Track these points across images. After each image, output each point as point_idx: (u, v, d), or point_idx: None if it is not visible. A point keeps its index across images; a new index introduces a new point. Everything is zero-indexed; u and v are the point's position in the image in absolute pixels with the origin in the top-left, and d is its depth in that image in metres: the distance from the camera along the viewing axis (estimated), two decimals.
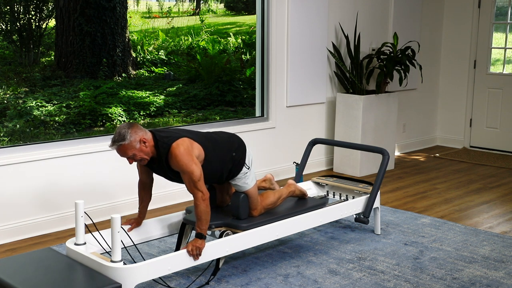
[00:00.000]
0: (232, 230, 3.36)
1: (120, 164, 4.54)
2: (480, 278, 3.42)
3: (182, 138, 3.09)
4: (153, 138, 3.09)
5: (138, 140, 3.02)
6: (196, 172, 3.03)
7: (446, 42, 7.34)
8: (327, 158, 6.22)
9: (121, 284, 2.71)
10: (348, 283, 3.34)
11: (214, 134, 3.40)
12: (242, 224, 3.36)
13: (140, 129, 3.05)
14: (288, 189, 3.78)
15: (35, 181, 4.14)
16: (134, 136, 3.00)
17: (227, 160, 3.30)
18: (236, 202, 3.41)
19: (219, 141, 3.33)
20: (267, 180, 3.91)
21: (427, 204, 4.93)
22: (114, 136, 3.02)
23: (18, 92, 4.25)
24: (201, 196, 3.05)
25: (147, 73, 5.07)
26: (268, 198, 3.58)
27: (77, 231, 3.04)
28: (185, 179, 3.06)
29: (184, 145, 3.05)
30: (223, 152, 3.29)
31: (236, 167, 3.35)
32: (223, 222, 3.38)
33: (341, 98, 5.93)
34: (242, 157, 3.37)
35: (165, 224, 3.53)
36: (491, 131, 7.11)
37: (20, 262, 2.92)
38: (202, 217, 3.07)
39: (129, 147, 3.00)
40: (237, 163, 3.35)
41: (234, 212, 3.44)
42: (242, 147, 3.41)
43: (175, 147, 3.04)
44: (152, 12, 5.18)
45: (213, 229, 3.35)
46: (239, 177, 3.38)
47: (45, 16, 4.46)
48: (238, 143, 3.41)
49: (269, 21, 5.39)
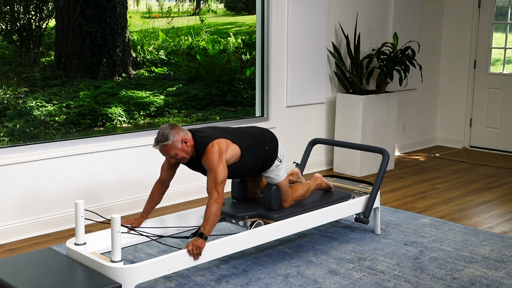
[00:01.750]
0: (264, 220, 3.51)
1: (120, 164, 4.54)
2: (480, 278, 3.42)
3: (219, 139, 3.25)
4: (192, 138, 3.24)
5: (180, 140, 3.17)
6: (221, 174, 3.17)
7: (446, 42, 7.34)
8: (327, 158, 6.22)
9: (121, 284, 2.71)
10: (348, 283, 3.34)
11: (247, 129, 3.57)
12: (274, 215, 3.51)
13: (182, 130, 3.20)
14: (315, 182, 3.95)
15: (35, 181, 4.14)
16: (177, 137, 3.16)
17: (261, 154, 3.46)
18: (268, 194, 3.57)
19: (253, 136, 3.48)
20: (294, 174, 4.05)
21: (427, 204, 4.93)
22: (157, 137, 3.17)
23: (18, 92, 4.25)
24: (217, 198, 3.13)
25: (147, 73, 5.07)
26: (297, 191, 3.75)
27: (77, 231, 3.04)
28: (209, 177, 3.18)
29: (219, 145, 3.22)
30: (257, 146, 3.45)
31: (269, 160, 3.51)
32: (256, 213, 3.54)
33: (341, 98, 5.93)
34: (274, 150, 3.54)
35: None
36: (491, 131, 7.11)
37: (20, 262, 2.92)
38: (210, 218, 3.10)
39: (172, 147, 3.16)
40: (270, 156, 3.51)
41: (266, 203, 3.60)
42: (274, 140, 3.58)
43: (210, 146, 3.21)
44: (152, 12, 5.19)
45: (246, 220, 3.51)
46: (272, 170, 3.55)
47: (45, 16, 4.46)
48: (271, 137, 3.58)
49: (269, 21, 5.39)
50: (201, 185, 4.78)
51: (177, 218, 3.61)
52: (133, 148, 4.60)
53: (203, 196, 4.94)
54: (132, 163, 4.62)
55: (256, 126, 3.67)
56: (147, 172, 4.62)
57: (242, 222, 3.54)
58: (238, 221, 3.58)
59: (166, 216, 3.59)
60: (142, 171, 4.66)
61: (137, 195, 4.63)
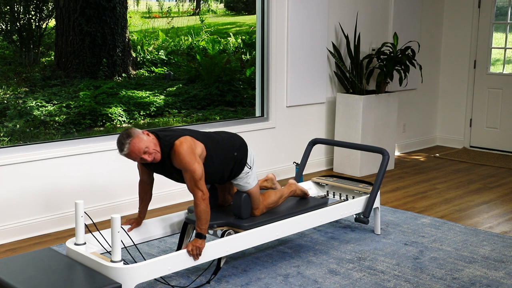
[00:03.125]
0: (234, 229, 3.37)
1: (120, 164, 4.54)
2: (480, 278, 3.42)
3: (184, 136, 3.09)
4: (156, 137, 3.10)
5: (145, 134, 3.03)
6: (198, 171, 3.04)
7: (446, 42, 7.34)
8: (327, 158, 6.22)
9: (121, 284, 2.71)
10: (348, 283, 3.34)
11: (216, 134, 3.41)
12: (244, 224, 3.37)
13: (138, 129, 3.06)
14: (289, 189, 3.79)
15: (35, 181, 4.14)
16: (137, 131, 3.01)
17: (229, 160, 3.31)
18: (238, 202, 3.41)
19: (221, 141, 3.33)
20: (269, 179, 3.92)
21: (427, 204, 4.93)
22: (119, 144, 2.99)
23: (18, 92, 4.25)
24: (201, 195, 3.05)
25: (147, 73, 5.07)
26: (269, 198, 3.59)
27: (77, 231, 3.04)
28: (187, 177, 3.06)
29: (187, 143, 3.05)
30: (224, 151, 3.29)
31: (238, 167, 3.36)
32: (225, 221, 3.38)
33: (341, 98, 5.93)
34: (243, 156, 3.38)
35: (166, 224, 3.54)
36: (491, 131, 7.11)
37: (20, 262, 2.92)
38: (202, 217, 3.07)
39: (140, 141, 2.98)
40: (239, 162, 3.35)
41: (236, 211, 3.44)
42: (243, 146, 3.42)
43: (178, 144, 3.04)
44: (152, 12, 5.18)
45: (215, 229, 3.36)
46: (241, 177, 3.39)
47: (45, 16, 4.46)
48: (240, 143, 3.42)
49: (269, 21, 5.39)
50: None
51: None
52: None
53: None
54: (132, 163, 4.61)
55: (226, 131, 3.52)
56: None
57: (212, 231, 3.39)
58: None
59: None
60: None
61: (137, 195, 4.62)
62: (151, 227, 3.46)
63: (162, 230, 3.51)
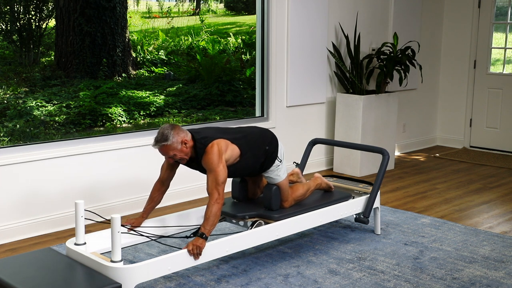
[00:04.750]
0: (265, 220, 3.51)
1: (120, 164, 4.54)
2: (480, 278, 3.42)
3: (218, 140, 3.25)
4: (192, 140, 3.24)
5: (180, 141, 3.17)
6: (221, 174, 3.17)
7: (446, 42, 7.34)
8: (327, 158, 6.22)
9: (121, 284, 2.71)
10: (348, 283, 3.34)
11: (247, 129, 3.57)
12: (274, 215, 3.51)
13: (182, 131, 3.20)
14: (315, 182, 3.95)
15: (35, 181, 4.14)
16: (176, 138, 3.15)
17: (261, 154, 3.46)
18: (269, 194, 3.57)
19: (253, 136, 3.48)
20: (295, 174, 4.05)
21: (427, 204, 4.93)
22: (156, 137, 3.17)
23: (18, 92, 4.25)
24: (217, 198, 3.13)
25: (147, 73, 5.07)
26: (298, 191, 3.76)
27: (77, 231, 3.04)
28: (210, 178, 3.18)
29: (218, 146, 3.22)
30: (257, 146, 3.45)
31: (269, 160, 3.51)
32: (256, 213, 3.54)
33: (341, 98, 5.93)
34: (274, 150, 3.54)
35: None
36: (491, 131, 7.11)
37: (20, 262, 2.92)
38: (210, 218, 3.11)
39: (171, 148, 3.16)
40: (270, 156, 3.50)
41: (266, 203, 3.60)
42: (274, 140, 3.57)
43: (210, 147, 3.20)
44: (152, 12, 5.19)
45: (246, 220, 3.51)
46: (272, 170, 3.55)
47: (45, 16, 4.46)
48: (271, 137, 3.57)
49: (269, 21, 5.39)
50: (201, 185, 4.78)
51: (178, 218, 3.61)
52: (133, 148, 4.61)
53: (203, 196, 4.94)
54: (132, 163, 4.62)
55: (257, 126, 3.67)
56: (147, 172, 4.62)
57: (243, 222, 3.54)
58: (238, 221, 3.58)
59: (166, 216, 3.59)
60: (142, 171, 4.66)
61: (137, 195, 4.63)
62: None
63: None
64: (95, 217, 3.97)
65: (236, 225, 3.66)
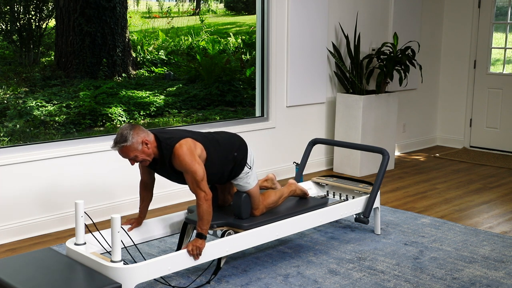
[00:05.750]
0: (234, 229, 3.37)
1: (120, 164, 4.54)
2: (480, 278, 3.42)
3: (185, 139, 3.10)
4: (156, 139, 3.10)
5: (140, 142, 3.03)
6: (199, 171, 3.04)
7: (446, 42, 7.34)
8: (327, 158, 6.22)
9: (121, 284, 2.71)
10: (348, 283, 3.34)
11: (215, 134, 3.41)
12: (244, 224, 3.37)
13: (142, 131, 3.06)
14: (289, 189, 3.79)
15: (35, 181, 4.14)
16: (136, 138, 3.01)
17: (229, 160, 3.31)
18: (238, 202, 3.41)
19: (220, 141, 3.33)
20: (269, 179, 3.93)
21: (427, 204, 4.93)
22: (116, 137, 3.03)
23: (18, 92, 4.25)
24: (204, 196, 3.06)
25: (147, 73, 5.07)
26: (269, 198, 3.59)
27: (77, 231, 3.04)
28: (188, 179, 3.07)
29: (187, 145, 3.06)
30: (224, 152, 3.30)
31: (238, 167, 3.36)
32: (225, 221, 3.38)
33: (341, 98, 5.93)
34: (243, 157, 3.38)
35: (167, 224, 3.54)
36: (491, 131, 7.11)
37: (20, 262, 2.92)
38: (204, 217, 3.07)
39: (131, 149, 3.02)
40: (239, 163, 3.36)
41: (236, 211, 3.44)
42: (243, 146, 3.42)
43: (178, 147, 3.05)
44: (152, 12, 5.18)
45: (215, 229, 3.36)
46: (241, 177, 3.39)
47: (45, 16, 4.46)
48: (240, 143, 3.42)
49: (269, 21, 5.39)
50: None
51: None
52: None
53: None
54: None
55: (227, 132, 3.52)
56: None
57: (212, 231, 3.38)
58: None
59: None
60: None
61: (137, 195, 4.62)
62: (151, 227, 3.46)
63: (163, 230, 3.51)
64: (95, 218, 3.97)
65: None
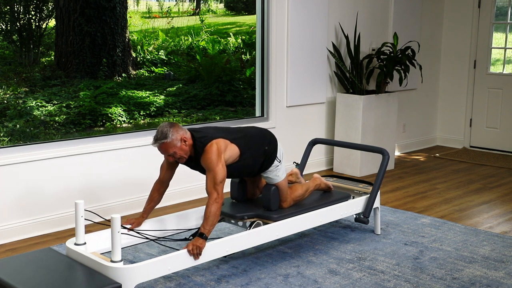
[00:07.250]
0: (264, 220, 3.50)
1: (120, 164, 4.54)
2: (480, 278, 3.42)
3: (218, 139, 3.24)
4: (192, 138, 3.23)
5: (179, 139, 3.17)
6: (220, 173, 3.16)
7: (446, 42, 7.34)
8: (327, 158, 6.22)
9: (121, 284, 2.71)
10: (348, 283, 3.34)
11: (246, 129, 3.55)
12: (273, 215, 3.51)
13: (181, 129, 3.20)
14: (314, 183, 3.94)
15: (35, 181, 4.14)
16: (176, 135, 3.15)
17: (260, 154, 3.45)
18: (267, 194, 3.56)
19: (252, 136, 3.47)
20: (294, 174, 4.05)
21: (427, 204, 4.93)
22: (156, 134, 3.16)
23: (18, 92, 4.25)
24: (216, 197, 3.13)
25: (147, 73, 5.07)
26: (296, 191, 3.75)
27: (77, 231, 3.04)
28: (208, 177, 3.17)
29: (218, 145, 3.21)
30: (256, 146, 3.44)
31: (268, 161, 3.50)
32: (255, 213, 3.54)
33: (341, 98, 5.93)
34: (274, 150, 3.53)
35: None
36: (491, 131, 7.11)
37: (20, 262, 2.92)
38: (210, 218, 3.10)
39: (171, 145, 3.15)
40: (269, 156, 3.50)
41: (265, 203, 3.59)
42: (274, 140, 3.57)
43: (209, 146, 3.20)
44: (152, 12, 5.19)
45: (245, 220, 3.50)
46: (271, 170, 3.55)
47: (45, 16, 4.46)
48: (270, 137, 3.57)
49: (269, 21, 5.39)
50: (201, 185, 4.78)
51: (177, 218, 3.61)
52: (133, 148, 4.61)
53: (203, 196, 4.93)
54: (132, 163, 4.62)
55: (256, 126, 3.66)
56: (147, 172, 4.62)
57: (241, 222, 3.54)
58: (237, 221, 3.58)
59: (166, 216, 3.59)
60: (142, 171, 4.66)
61: (137, 195, 4.63)
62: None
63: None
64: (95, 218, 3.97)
65: (235, 225, 3.66)
